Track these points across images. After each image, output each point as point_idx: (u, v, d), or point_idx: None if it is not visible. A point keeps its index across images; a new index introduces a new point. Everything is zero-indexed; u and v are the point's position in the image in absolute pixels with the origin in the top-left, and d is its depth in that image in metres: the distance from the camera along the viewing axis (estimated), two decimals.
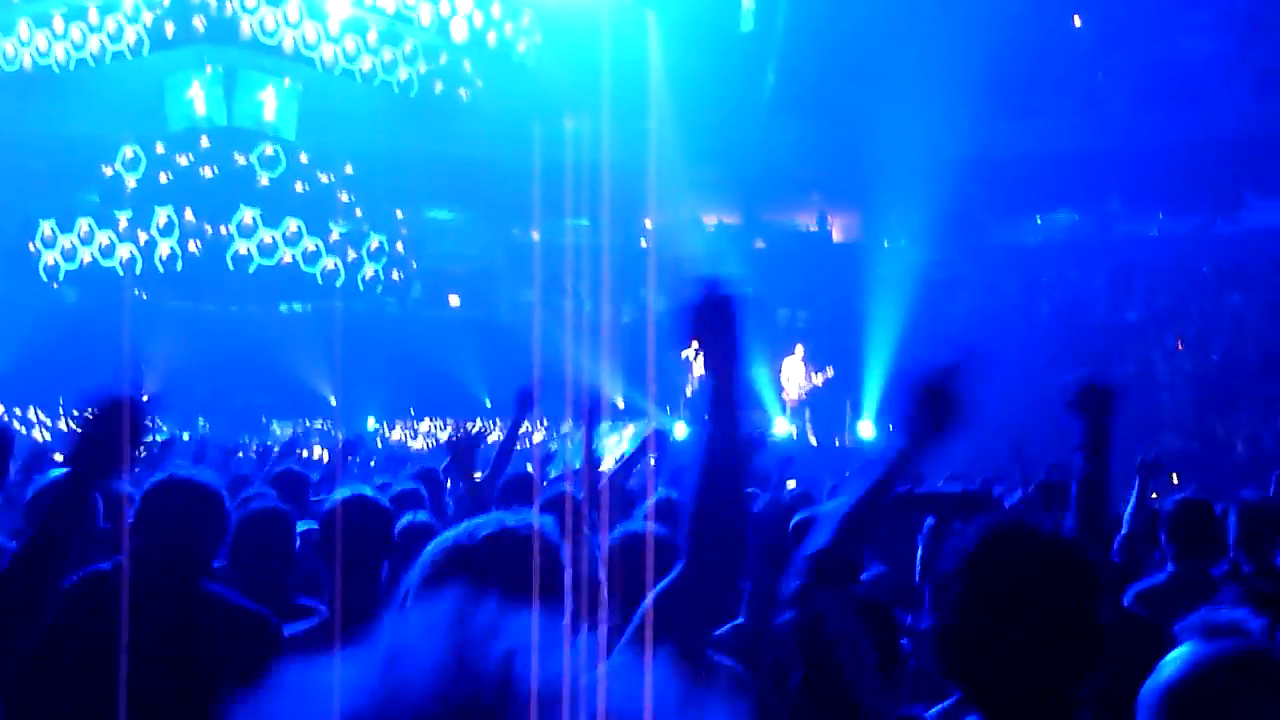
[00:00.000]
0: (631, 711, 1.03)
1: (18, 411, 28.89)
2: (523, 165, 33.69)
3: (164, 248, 31.89)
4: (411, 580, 2.70)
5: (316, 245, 32.82)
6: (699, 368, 3.16)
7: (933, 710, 4.01)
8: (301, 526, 6.22)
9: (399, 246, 34.89)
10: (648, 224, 38.41)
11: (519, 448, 9.11)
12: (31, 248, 33.45)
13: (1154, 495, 9.69)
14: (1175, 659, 2.42)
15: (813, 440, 29.63)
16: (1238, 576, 6.71)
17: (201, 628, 4.07)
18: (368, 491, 5.38)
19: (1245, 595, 4.68)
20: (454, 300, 38.20)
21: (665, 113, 33.62)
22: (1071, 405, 4.88)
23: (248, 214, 31.97)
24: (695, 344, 3.19)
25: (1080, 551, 2.66)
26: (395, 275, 34.67)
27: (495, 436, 10.66)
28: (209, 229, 31.78)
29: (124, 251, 32.34)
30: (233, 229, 31.83)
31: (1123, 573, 6.86)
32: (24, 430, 26.63)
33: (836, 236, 39.63)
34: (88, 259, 32.89)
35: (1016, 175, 33.98)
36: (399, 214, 36.47)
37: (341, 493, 5.22)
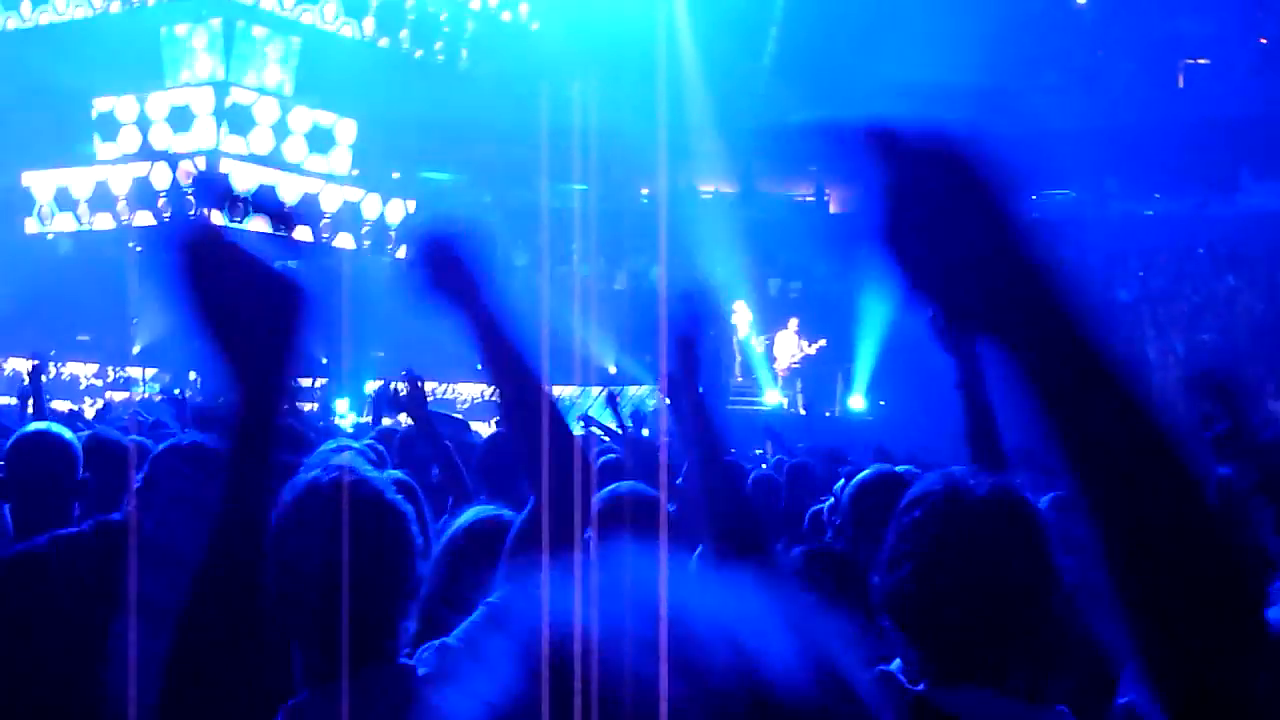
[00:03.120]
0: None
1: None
2: (520, 128, 33.59)
3: (160, 203, 31.83)
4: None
5: (312, 199, 32.78)
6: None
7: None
8: None
9: (396, 207, 34.82)
10: (644, 191, 38.37)
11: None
12: (24, 182, 33.42)
13: None
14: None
15: (801, 410, 29.63)
16: None
17: None
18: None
19: None
20: None
21: (665, 79, 33.55)
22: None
23: (238, 179, 31.92)
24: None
25: (1024, 509, 2.69)
26: (391, 237, 34.63)
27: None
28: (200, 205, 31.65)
29: (118, 208, 32.30)
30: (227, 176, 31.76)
31: None
32: None
33: (833, 208, 39.57)
34: (83, 214, 32.84)
35: (1013, 152, 33.95)
36: (395, 175, 36.42)
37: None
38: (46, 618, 3.83)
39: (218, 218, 2.21)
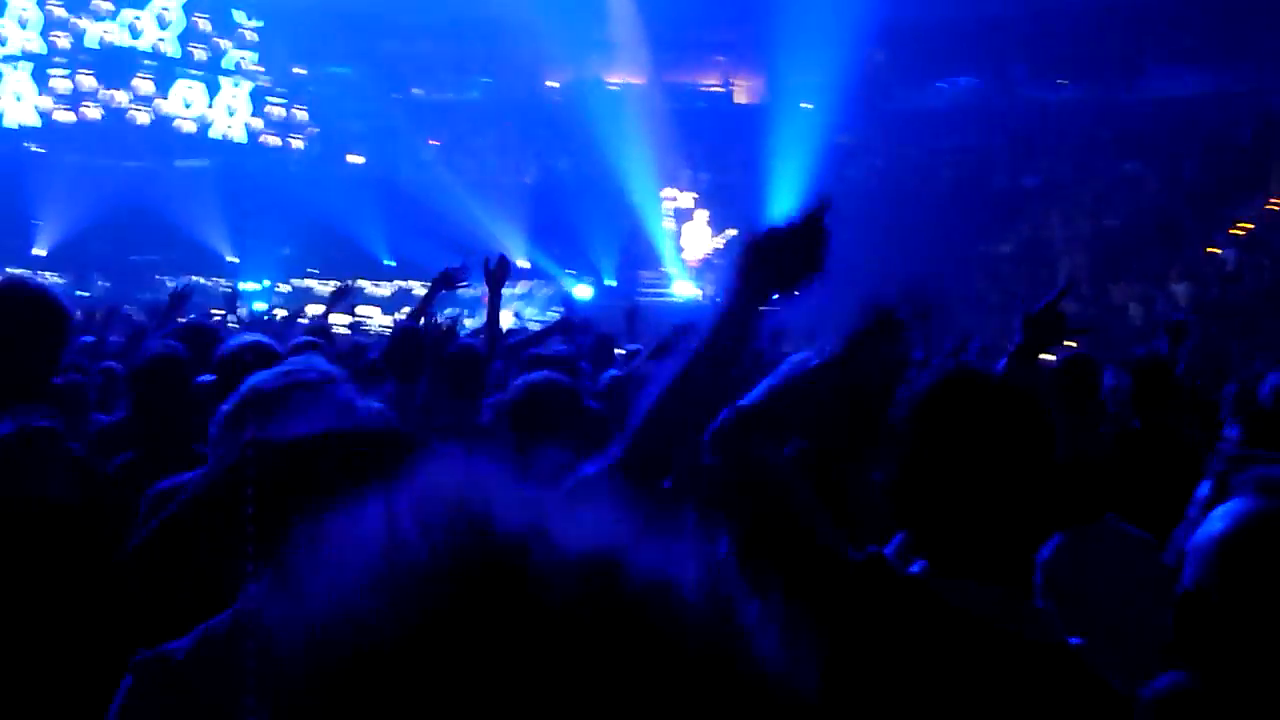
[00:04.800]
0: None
1: None
2: (424, 21, 33.25)
3: (60, 108, 31.47)
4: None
5: (214, 102, 32.45)
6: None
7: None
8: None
9: (298, 103, 34.55)
10: (550, 83, 38.09)
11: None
12: None
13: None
14: (1226, 512, 2.41)
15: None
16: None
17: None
18: (265, 339, 5.34)
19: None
20: (355, 159, 37.78)
21: None
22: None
23: (145, 78, 31.59)
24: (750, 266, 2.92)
25: (1034, 399, 2.60)
26: (302, 131, 34.36)
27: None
28: (105, 93, 31.32)
29: (18, 107, 31.82)
30: (128, 94, 31.43)
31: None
32: None
33: (740, 99, 39.47)
34: None
35: (920, 39, 33.96)
36: (298, 70, 35.99)
37: (240, 339, 5.18)
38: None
39: None
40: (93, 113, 31.50)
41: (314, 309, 31.39)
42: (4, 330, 3.73)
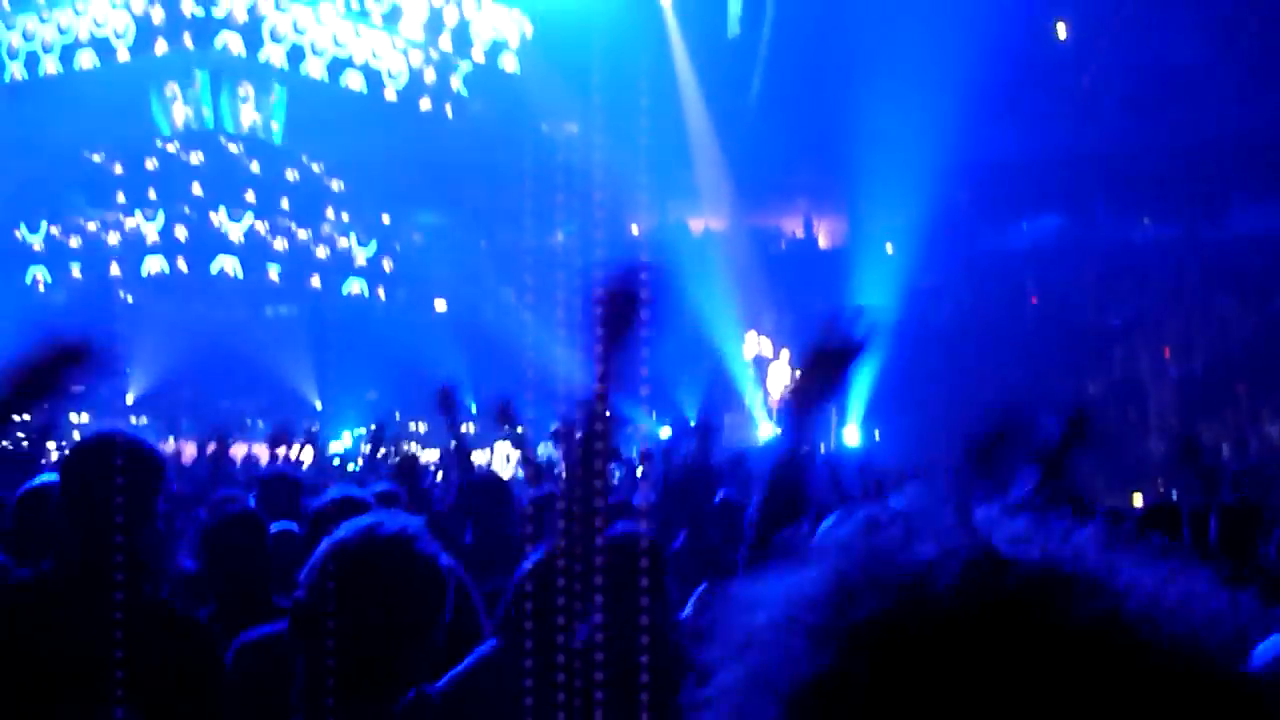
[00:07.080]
0: None
1: None
2: (509, 169, 33.66)
3: (152, 262, 32.10)
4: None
5: (305, 246, 32.97)
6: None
7: None
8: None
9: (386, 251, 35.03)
10: (634, 229, 38.41)
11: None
12: (17, 234, 33.56)
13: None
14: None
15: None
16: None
17: (137, 635, 3.53)
18: (356, 492, 5.44)
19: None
20: (440, 305, 38.12)
21: (652, 118, 33.65)
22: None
23: (233, 228, 32.22)
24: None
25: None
26: (385, 265, 34.82)
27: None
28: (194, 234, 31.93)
29: (112, 243, 32.52)
30: (220, 226, 32.02)
31: None
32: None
33: (823, 243, 39.61)
34: (76, 260, 32.99)
35: (1002, 180, 33.99)
36: (385, 218, 36.49)
37: (332, 493, 5.30)
38: None
39: None
40: (182, 233, 32.06)
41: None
42: (103, 480, 3.79)
